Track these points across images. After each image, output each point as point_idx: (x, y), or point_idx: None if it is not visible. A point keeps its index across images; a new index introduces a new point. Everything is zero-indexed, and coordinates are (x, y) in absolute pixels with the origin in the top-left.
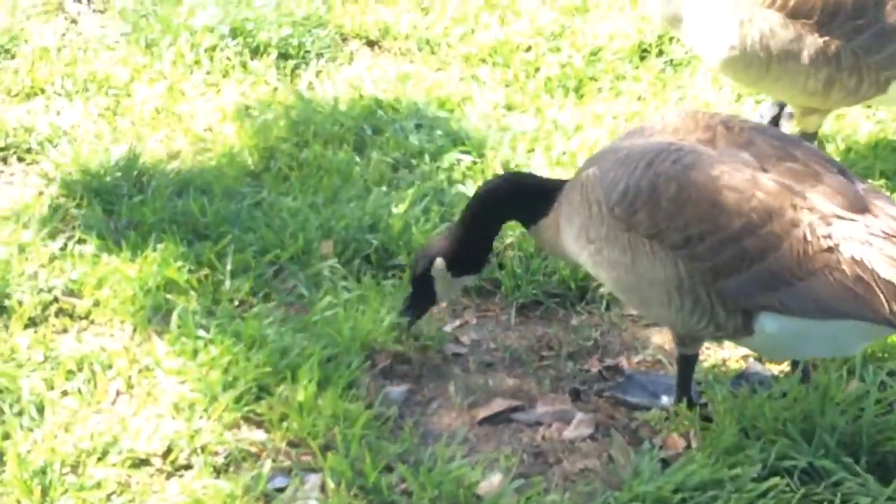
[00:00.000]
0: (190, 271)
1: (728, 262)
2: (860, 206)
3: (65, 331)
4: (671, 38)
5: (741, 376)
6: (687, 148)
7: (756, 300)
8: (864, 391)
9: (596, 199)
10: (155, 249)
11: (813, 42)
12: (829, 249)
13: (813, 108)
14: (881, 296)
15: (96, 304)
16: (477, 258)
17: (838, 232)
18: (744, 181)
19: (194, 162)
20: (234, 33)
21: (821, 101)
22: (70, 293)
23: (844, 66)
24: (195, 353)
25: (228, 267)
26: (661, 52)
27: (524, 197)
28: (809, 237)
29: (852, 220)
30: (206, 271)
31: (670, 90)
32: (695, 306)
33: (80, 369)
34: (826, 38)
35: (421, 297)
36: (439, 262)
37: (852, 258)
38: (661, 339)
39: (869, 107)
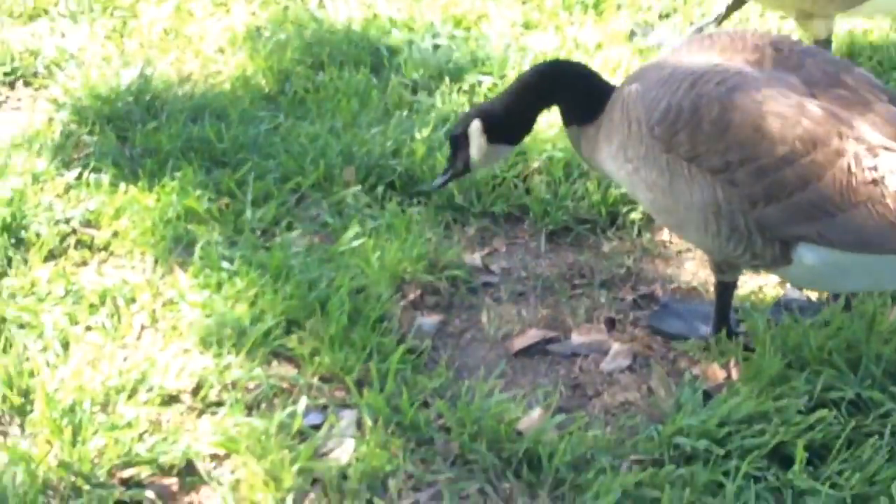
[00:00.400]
0: (210, 200)
1: (768, 190)
2: None
3: (84, 263)
4: None
5: (779, 303)
6: (733, 69)
7: (795, 230)
8: None
9: (636, 117)
10: (173, 178)
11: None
12: (874, 182)
13: (808, 13)
14: None
15: (115, 235)
16: (515, 130)
17: (885, 164)
18: (789, 107)
19: (207, 85)
20: None
21: (811, 3)
22: (88, 224)
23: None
24: (220, 285)
25: (249, 196)
26: None
27: (581, 87)
28: (854, 168)
29: None
30: (226, 200)
31: (692, 6)
32: (732, 233)
33: (103, 303)
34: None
35: (457, 158)
36: (476, 122)
37: None
38: (696, 266)
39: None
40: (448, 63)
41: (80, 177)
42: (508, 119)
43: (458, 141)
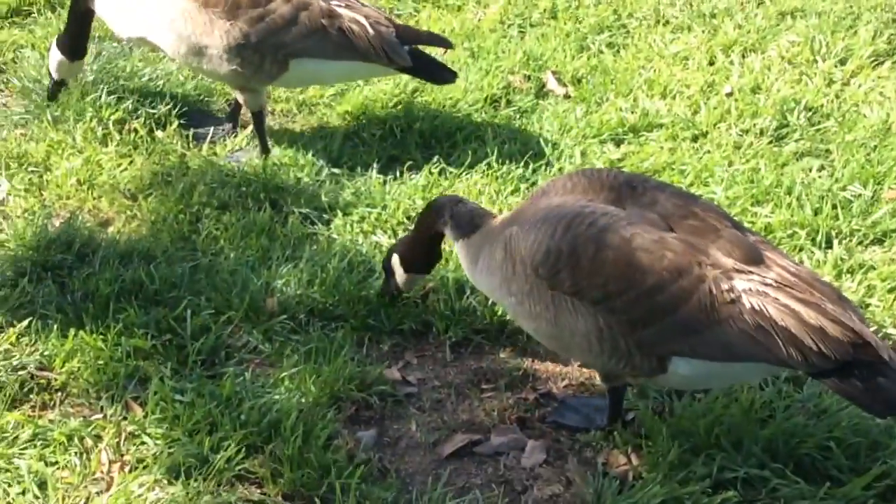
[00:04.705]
0: (153, 337)
1: (644, 315)
2: (755, 258)
3: (44, 406)
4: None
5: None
6: (599, 210)
7: (670, 347)
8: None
9: (520, 259)
10: (116, 320)
11: (222, 26)
12: (732, 301)
13: (242, 87)
14: (779, 340)
15: (71, 376)
16: (425, 262)
17: (739, 284)
18: (653, 242)
19: (128, 230)
20: (136, 107)
21: (241, 80)
22: (42, 368)
23: (253, 47)
24: (176, 417)
25: (188, 331)
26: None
27: (460, 211)
28: (714, 290)
29: (749, 272)
30: (168, 336)
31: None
32: (613, 352)
33: (71, 442)
34: (231, 22)
35: (390, 283)
36: (395, 258)
37: (752, 308)
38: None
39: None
40: (336, 198)
41: (30, 325)
42: (414, 253)
43: (388, 269)
